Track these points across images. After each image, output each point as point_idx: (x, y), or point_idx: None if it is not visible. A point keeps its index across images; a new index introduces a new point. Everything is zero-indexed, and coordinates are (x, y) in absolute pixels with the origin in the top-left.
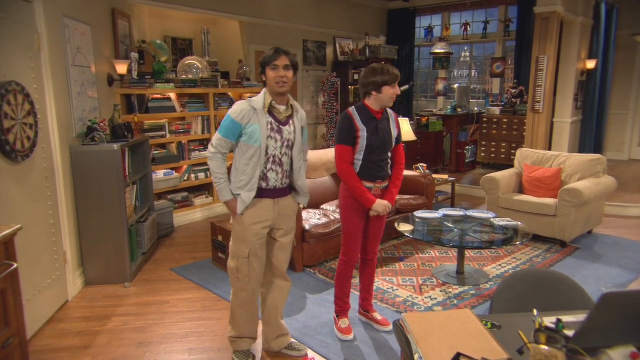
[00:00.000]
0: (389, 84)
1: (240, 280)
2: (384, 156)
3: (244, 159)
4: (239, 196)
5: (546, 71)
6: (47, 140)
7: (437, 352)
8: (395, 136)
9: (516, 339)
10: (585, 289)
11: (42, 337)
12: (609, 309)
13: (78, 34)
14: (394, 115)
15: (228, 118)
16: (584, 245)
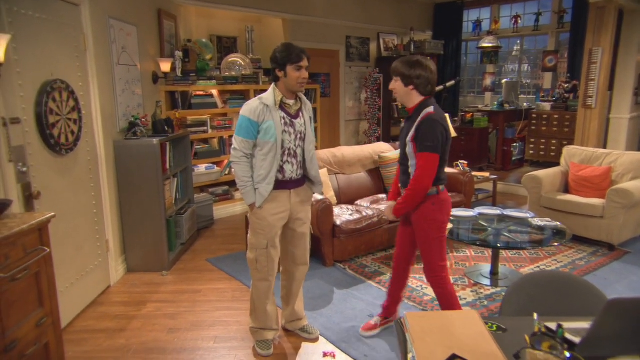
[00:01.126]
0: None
1: (259, 270)
2: (400, 159)
3: (261, 154)
4: (258, 190)
5: (600, 64)
6: (91, 134)
7: (431, 352)
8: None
9: (521, 343)
10: (630, 295)
11: (83, 318)
12: (616, 316)
13: (123, 34)
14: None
15: (244, 119)
16: (635, 249)
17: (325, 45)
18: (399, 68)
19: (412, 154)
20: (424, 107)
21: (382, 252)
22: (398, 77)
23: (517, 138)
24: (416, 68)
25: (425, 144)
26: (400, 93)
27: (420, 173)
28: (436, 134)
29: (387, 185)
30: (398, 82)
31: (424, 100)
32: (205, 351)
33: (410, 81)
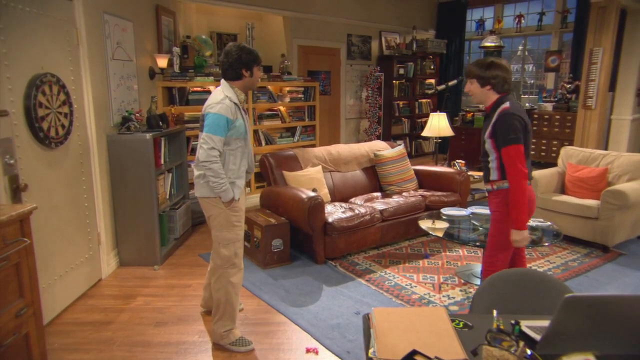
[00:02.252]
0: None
1: (236, 265)
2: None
3: (229, 150)
4: (234, 184)
5: (601, 64)
6: (83, 128)
7: (392, 348)
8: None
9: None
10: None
11: (72, 311)
12: (573, 314)
13: (119, 30)
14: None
15: (221, 117)
16: (630, 251)
17: (326, 43)
18: (475, 71)
19: (492, 149)
20: (500, 104)
21: (374, 250)
22: (474, 79)
23: None
24: (492, 69)
25: (508, 137)
26: (478, 94)
27: (511, 167)
28: (515, 126)
29: (383, 183)
30: (474, 84)
31: (499, 98)
32: (190, 345)
33: (487, 82)
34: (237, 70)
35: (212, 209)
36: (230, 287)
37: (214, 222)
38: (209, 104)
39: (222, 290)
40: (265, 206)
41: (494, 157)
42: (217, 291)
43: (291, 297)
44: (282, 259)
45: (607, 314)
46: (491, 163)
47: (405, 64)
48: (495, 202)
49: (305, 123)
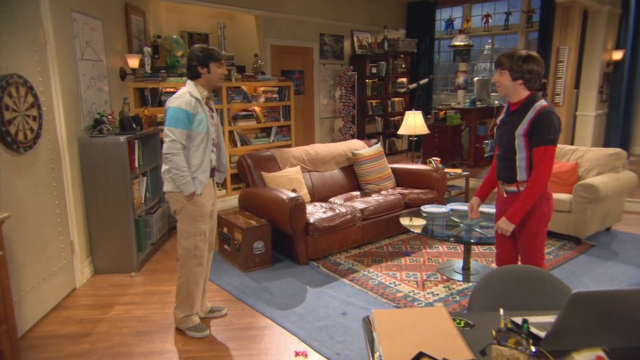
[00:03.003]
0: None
1: (197, 256)
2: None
3: (193, 145)
4: (197, 178)
5: (567, 62)
6: (53, 132)
7: (399, 351)
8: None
9: (488, 338)
10: (595, 287)
11: (46, 323)
12: (579, 310)
13: (87, 29)
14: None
15: (180, 111)
16: (600, 242)
17: (298, 43)
18: (508, 62)
19: (523, 147)
20: (534, 101)
21: (355, 249)
22: (506, 70)
23: (488, 135)
24: (528, 62)
25: (546, 137)
26: (506, 86)
27: (542, 167)
28: (555, 126)
29: (361, 182)
30: (505, 76)
31: (532, 95)
32: (174, 354)
33: (520, 75)
34: (194, 68)
35: (175, 203)
36: (190, 277)
37: (178, 215)
38: (169, 99)
39: (183, 277)
40: (245, 208)
41: (524, 156)
42: (179, 278)
43: (276, 300)
44: (264, 262)
45: (612, 308)
46: (519, 162)
47: (378, 63)
48: None
49: (280, 123)
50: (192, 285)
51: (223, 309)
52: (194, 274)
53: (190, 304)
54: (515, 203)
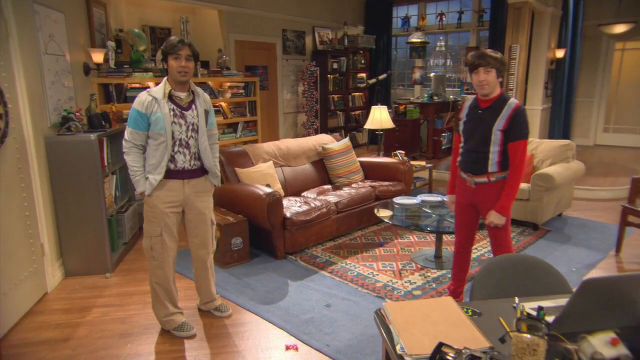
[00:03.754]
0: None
1: (155, 258)
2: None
3: (154, 145)
4: (148, 179)
5: (519, 60)
6: (19, 130)
7: (419, 342)
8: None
9: (497, 325)
10: (558, 268)
11: (20, 331)
12: (589, 295)
13: (50, 21)
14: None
15: (133, 110)
16: (554, 227)
17: (262, 38)
18: (496, 61)
19: (498, 141)
20: (507, 98)
21: (330, 241)
22: (493, 69)
23: (445, 128)
24: (505, 63)
25: (523, 132)
26: (492, 83)
27: (521, 159)
28: (528, 122)
29: (332, 176)
30: (492, 74)
31: (502, 92)
32: (163, 355)
33: (501, 73)
34: (162, 63)
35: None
36: (152, 277)
37: None
38: None
39: (151, 276)
40: (219, 204)
41: (497, 149)
42: (149, 275)
43: (258, 295)
44: (242, 257)
45: (621, 292)
46: (492, 155)
47: (338, 58)
48: (492, 193)
49: (247, 118)
50: (155, 285)
51: (229, 310)
52: (155, 275)
53: (162, 304)
54: (503, 196)
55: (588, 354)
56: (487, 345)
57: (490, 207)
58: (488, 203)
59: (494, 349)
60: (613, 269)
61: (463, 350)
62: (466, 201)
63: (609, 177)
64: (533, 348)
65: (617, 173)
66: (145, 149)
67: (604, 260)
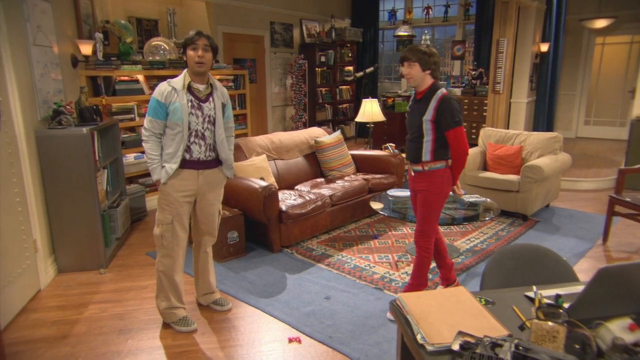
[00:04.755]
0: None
1: (165, 246)
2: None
3: (171, 134)
4: (164, 167)
5: (506, 53)
6: (10, 123)
7: (438, 331)
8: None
9: (511, 314)
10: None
11: (15, 329)
12: (605, 283)
13: (38, 11)
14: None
15: (153, 99)
16: (543, 218)
17: (250, 31)
18: (417, 55)
19: (430, 131)
20: (436, 90)
21: (325, 234)
22: (415, 63)
23: None
24: (432, 55)
25: (453, 120)
26: (417, 77)
27: (459, 145)
28: (458, 109)
29: (324, 169)
30: (416, 67)
31: (434, 84)
32: (165, 350)
33: (428, 66)
34: (183, 56)
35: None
36: (160, 266)
37: None
38: None
39: (158, 264)
40: None
41: (430, 139)
42: (156, 264)
43: (257, 289)
44: (238, 251)
45: (635, 279)
46: (425, 144)
47: (326, 51)
48: (425, 182)
49: (236, 112)
50: (161, 274)
51: (229, 304)
52: (162, 264)
53: (165, 295)
54: (456, 175)
55: (607, 339)
56: (506, 333)
57: (424, 194)
58: (422, 190)
59: (512, 336)
60: (602, 258)
61: (484, 338)
62: (411, 188)
63: (592, 168)
64: (553, 335)
65: (600, 164)
66: (162, 138)
67: (592, 249)
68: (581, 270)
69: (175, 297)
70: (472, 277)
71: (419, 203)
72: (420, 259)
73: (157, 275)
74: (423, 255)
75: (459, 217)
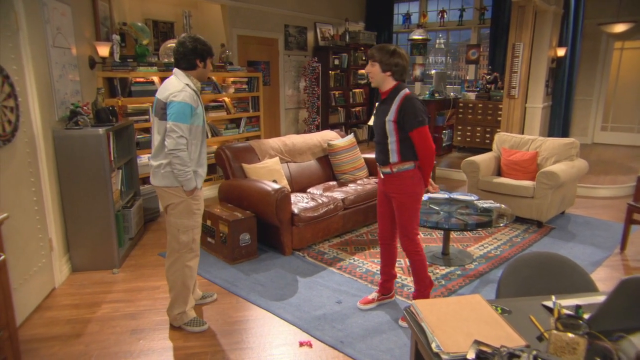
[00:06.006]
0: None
1: (194, 250)
2: (377, 138)
3: (192, 138)
4: (196, 172)
5: (522, 58)
6: (28, 123)
7: (453, 340)
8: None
9: (528, 324)
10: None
11: (30, 326)
12: (627, 294)
13: (57, 14)
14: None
15: (186, 105)
16: (558, 225)
17: (264, 33)
18: (379, 55)
19: (393, 132)
20: (399, 90)
21: (337, 238)
22: (376, 63)
23: (446, 125)
24: (395, 56)
25: (416, 120)
26: (377, 78)
27: (425, 145)
28: (420, 109)
29: (337, 172)
30: (376, 67)
31: (397, 85)
32: (176, 351)
33: (388, 68)
34: (191, 60)
35: (172, 197)
36: (187, 270)
37: (173, 210)
38: (171, 92)
39: (179, 272)
40: (226, 200)
41: (394, 139)
42: (173, 274)
43: (269, 292)
44: (250, 253)
45: None
46: (391, 145)
47: (340, 54)
48: (396, 184)
49: (249, 114)
50: (189, 279)
51: (213, 294)
52: (189, 267)
53: (185, 300)
54: (426, 175)
55: (630, 353)
56: (523, 344)
57: (397, 197)
58: (395, 193)
59: (530, 347)
60: (619, 267)
61: (501, 348)
62: (382, 191)
63: (609, 175)
64: (572, 347)
65: (617, 171)
66: None
67: (610, 258)
68: (598, 280)
69: (191, 298)
70: (485, 284)
71: (396, 208)
72: (414, 264)
73: (181, 281)
74: (416, 259)
75: (472, 222)
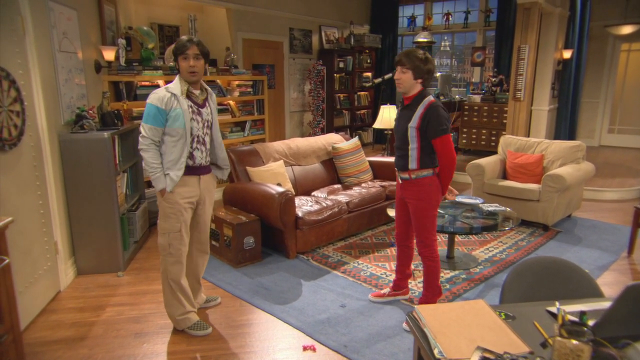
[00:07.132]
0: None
1: (172, 254)
2: (398, 144)
3: (171, 141)
4: (168, 175)
5: (527, 60)
6: (34, 128)
7: (456, 346)
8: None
9: (532, 330)
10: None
11: (35, 329)
12: (633, 300)
13: (63, 19)
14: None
15: (152, 107)
16: (564, 228)
17: (269, 37)
18: (412, 62)
19: (415, 138)
20: (424, 97)
21: (341, 241)
22: (409, 70)
23: (452, 128)
24: (428, 63)
25: (440, 128)
26: (407, 84)
27: (446, 154)
28: (445, 117)
29: (341, 175)
30: (408, 75)
31: (422, 91)
32: (180, 355)
33: (421, 75)
34: (174, 62)
35: (157, 196)
36: (169, 274)
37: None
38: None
39: (163, 275)
40: (230, 203)
41: (415, 146)
42: (161, 274)
43: (273, 295)
44: (254, 257)
45: None
46: (411, 152)
47: (345, 57)
48: (414, 190)
49: (254, 117)
50: (172, 283)
51: (217, 298)
52: (171, 271)
53: (178, 301)
54: (445, 183)
55: None
56: (527, 350)
57: (414, 203)
58: (412, 199)
59: (534, 353)
60: (627, 271)
61: (504, 354)
62: (400, 196)
63: (616, 178)
64: (577, 354)
65: (624, 174)
66: (160, 146)
67: (617, 262)
68: (605, 284)
69: (188, 302)
70: (490, 288)
71: (412, 214)
72: (428, 269)
73: (167, 284)
74: (430, 265)
75: (477, 226)
